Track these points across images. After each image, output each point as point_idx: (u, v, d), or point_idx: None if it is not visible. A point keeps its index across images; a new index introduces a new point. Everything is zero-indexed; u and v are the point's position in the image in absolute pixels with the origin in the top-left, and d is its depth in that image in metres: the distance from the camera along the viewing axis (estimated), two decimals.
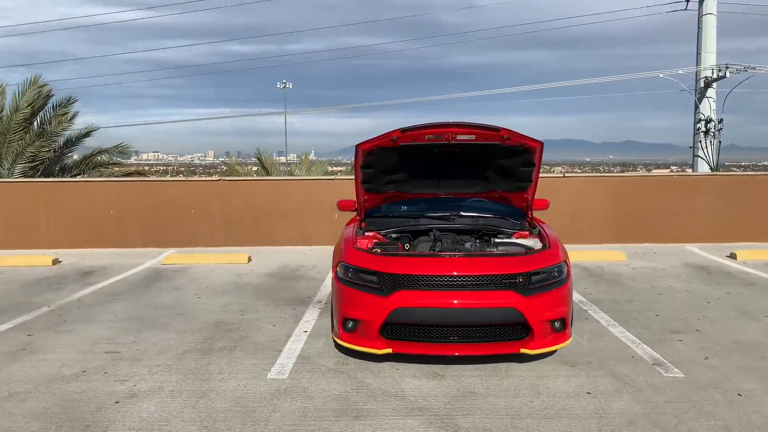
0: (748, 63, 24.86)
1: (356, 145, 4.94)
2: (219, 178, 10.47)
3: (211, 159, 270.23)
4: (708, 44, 24.49)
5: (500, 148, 4.79)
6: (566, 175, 10.49)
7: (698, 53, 24.79)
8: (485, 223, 5.40)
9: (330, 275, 7.73)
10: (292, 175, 14.34)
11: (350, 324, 4.52)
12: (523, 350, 4.30)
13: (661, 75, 26.30)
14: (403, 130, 4.62)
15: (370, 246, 4.90)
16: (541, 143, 4.79)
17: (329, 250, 9.82)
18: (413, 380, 4.30)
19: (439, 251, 4.77)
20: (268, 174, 13.93)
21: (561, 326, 4.41)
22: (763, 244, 9.93)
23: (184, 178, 10.61)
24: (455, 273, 4.29)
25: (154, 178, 11.61)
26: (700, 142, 24.73)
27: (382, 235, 5.18)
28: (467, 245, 4.79)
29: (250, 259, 9.01)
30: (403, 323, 4.34)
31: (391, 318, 4.30)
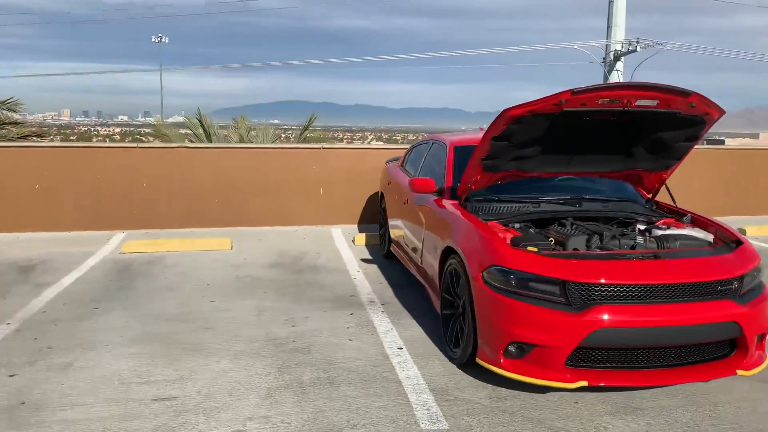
0: (658, 39, 25.70)
1: (502, 111, 3.79)
2: (178, 144, 8.66)
3: (66, 119, 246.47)
4: (618, 18, 25.21)
5: (675, 117, 3.87)
6: None
7: (608, 27, 25.48)
8: (615, 208, 4.50)
9: (349, 265, 6.61)
10: (224, 142, 12.54)
11: (519, 349, 3.44)
12: (739, 372, 3.47)
13: (575, 47, 26.81)
14: (575, 92, 3.54)
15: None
16: (723, 112, 3.93)
17: (318, 231, 8.49)
18: (613, 419, 3.33)
19: (598, 247, 3.80)
20: (209, 140, 12.03)
21: (760, 340, 3.64)
22: None
23: (134, 144, 8.67)
24: (668, 281, 3.35)
25: (94, 143, 9.41)
26: None
27: (503, 225, 4.10)
28: (639, 240, 3.85)
29: (232, 245, 7.49)
30: (601, 347, 3.35)
31: (587, 342, 3.29)
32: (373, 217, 8.77)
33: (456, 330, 4.04)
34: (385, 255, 6.89)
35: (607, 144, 4.23)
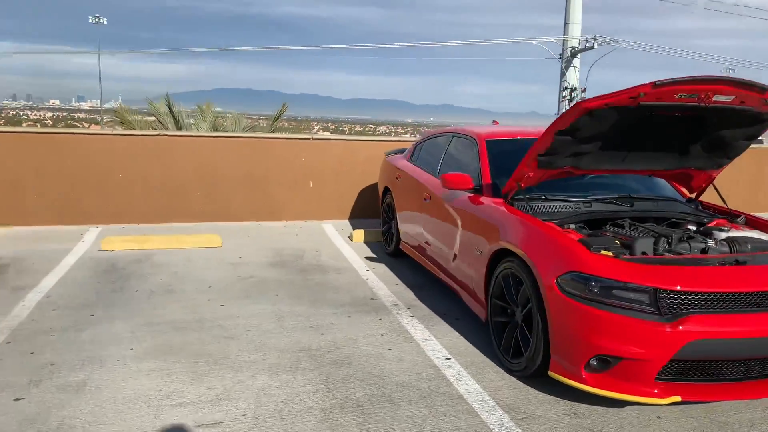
0: (614, 37, 26.17)
1: (575, 104, 3.51)
2: (158, 132, 7.99)
3: None
4: (574, 15, 25.53)
5: (743, 114, 3.69)
6: None
7: (566, 23, 25.78)
8: (666, 207, 4.31)
9: (355, 264, 6.21)
10: (182, 129, 11.83)
11: (602, 362, 3.18)
12: None
13: (534, 42, 27.00)
14: (656, 85, 3.29)
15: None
16: None
17: (309, 226, 8.02)
18: None
19: (667, 251, 3.59)
20: (178, 128, 11.28)
21: None
22: None
23: (109, 131, 7.95)
24: (759, 288, 3.16)
25: (62, 128, 8.56)
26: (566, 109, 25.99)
27: (558, 226, 3.84)
28: (710, 243, 3.65)
29: (223, 242, 6.97)
30: (692, 360, 3.13)
31: (680, 354, 3.06)
32: (365, 211, 8.41)
33: (514, 339, 3.76)
34: (390, 253, 6.55)
35: (664, 141, 4.02)
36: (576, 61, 25.70)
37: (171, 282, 5.51)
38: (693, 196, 4.63)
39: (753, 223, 4.15)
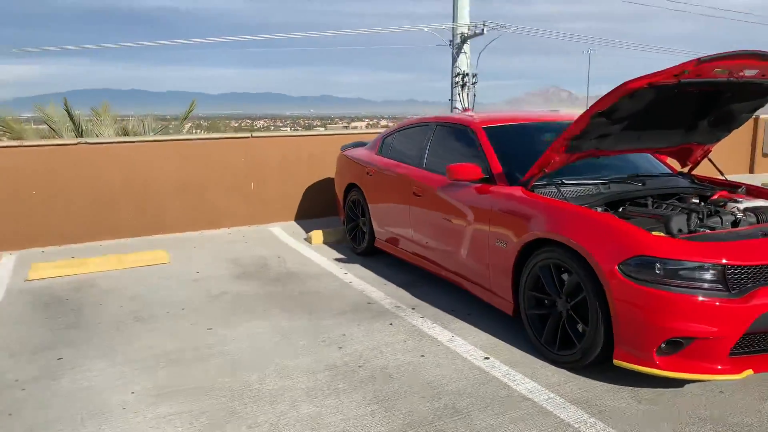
0: (503, 23, 27.03)
1: (620, 84, 3.38)
2: (78, 140, 7.00)
3: None
4: (462, 1, 26.10)
5: (756, 88, 3.77)
6: None
7: (454, 8, 26.28)
8: (673, 183, 4.35)
9: (329, 267, 5.79)
10: (82, 136, 10.66)
11: (673, 345, 3.11)
12: None
13: (426, 29, 27.33)
14: (701, 61, 3.24)
15: None
16: None
17: (256, 231, 7.42)
18: None
19: (699, 227, 3.59)
20: (79, 133, 10.05)
21: None
22: None
23: (15, 143, 6.86)
24: None
25: None
26: (459, 94, 26.59)
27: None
28: (739, 215, 3.70)
29: (170, 258, 6.28)
30: (764, 332, 3.13)
31: (753, 327, 3.06)
32: (312, 211, 8.00)
33: (558, 330, 3.62)
34: (361, 252, 6.22)
35: (676, 118, 4.04)
36: (466, 47, 26.31)
37: (134, 308, 4.84)
38: (686, 170, 4.73)
39: (755, 192, 4.29)
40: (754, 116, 7.54)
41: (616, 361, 3.31)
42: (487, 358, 3.77)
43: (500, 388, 3.38)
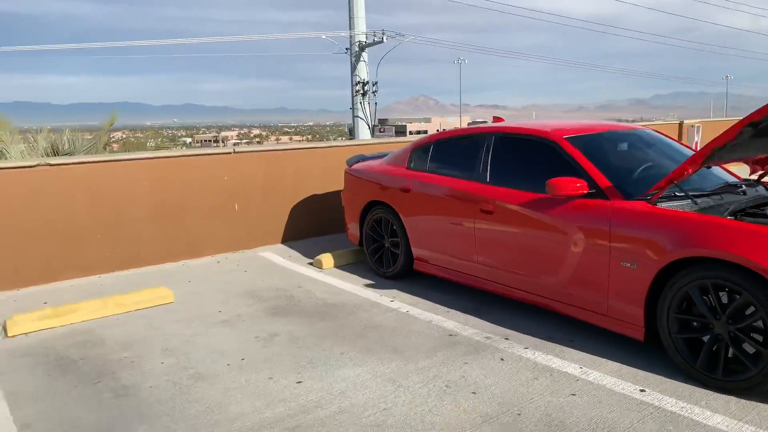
0: (401, 32, 27.20)
1: None
2: (38, 162, 5.71)
3: None
4: (358, 9, 25.93)
5: None
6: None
7: (350, 17, 26.03)
8: (762, 191, 4.33)
9: (366, 295, 5.19)
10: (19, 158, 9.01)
11: None
12: None
13: (324, 36, 26.74)
14: None
15: None
16: None
17: (247, 258, 6.59)
18: None
19: None
20: (3, 156, 8.36)
21: None
22: None
23: None
24: None
25: None
26: (360, 103, 26.38)
27: None
28: None
29: (174, 297, 5.36)
30: None
31: None
32: (300, 232, 7.35)
33: (723, 355, 3.40)
34: (392, 275, 5.70)
35: None
36: (365, 55, 26.17)
37: (179, 363, 4.00)
38: (755, 178, 4.73)
39: None
40: None
41: None
42: (642, 391, 3.47)
43: (695, 426, 3.08)
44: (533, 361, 3.90)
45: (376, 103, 26.46)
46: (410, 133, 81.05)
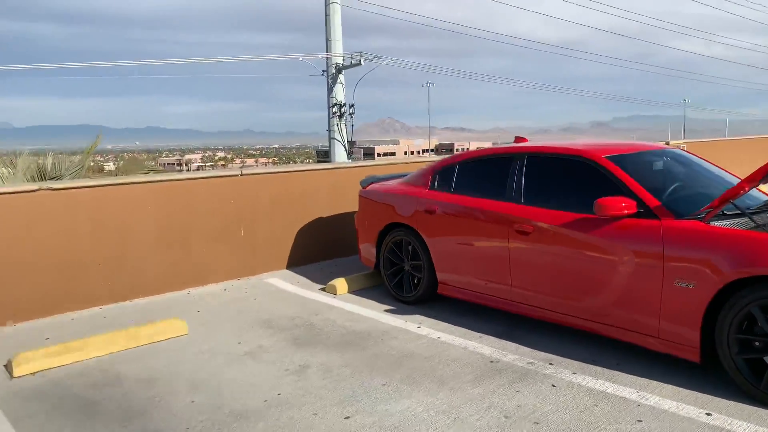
0: (377, 54, 27.27)
1: None
2: (40, 186, 5.35)
3: None
4: (335, 32, 25.95)
5: None
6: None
7: (327, 40, 26.03)
8: None
9: (388, 321, 4.99)
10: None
11: None
12: None
13: (300, 58, 26.64)
14: None
15: None
16: None
17: (254, 286, 6.34)
18: None
19: None
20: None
21: None
22: None
23: None
24: None
25: None
26: (337, 125, 26.27)
27: None
28: None
29: (188, 329, 5.07)
30: None
31: None
32: (306, 257, 7.13)
33: None
34: (413, 301, 5.52)
35: None
36: (342, 77, 26.13)
37: (211, 401, 3.73)
38: None
39: None
40: None
41: None
42: (708, 414, 3.35)
43: None
44: (586, 386, 3.76)
45: (353, 125, 26.41)
46: (378, 155, 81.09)
